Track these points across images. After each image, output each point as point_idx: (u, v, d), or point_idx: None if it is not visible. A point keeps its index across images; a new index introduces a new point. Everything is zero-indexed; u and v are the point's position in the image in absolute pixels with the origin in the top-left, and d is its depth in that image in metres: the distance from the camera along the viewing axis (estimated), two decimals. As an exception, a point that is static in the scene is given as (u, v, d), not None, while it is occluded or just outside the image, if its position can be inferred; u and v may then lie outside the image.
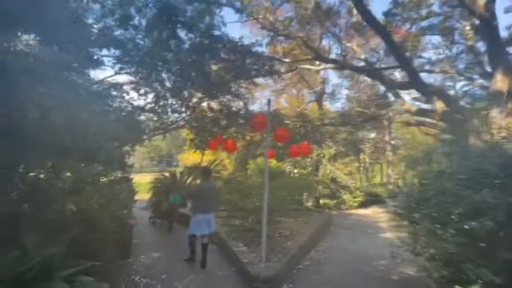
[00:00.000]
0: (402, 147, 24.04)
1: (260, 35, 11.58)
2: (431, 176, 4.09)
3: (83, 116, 4.63)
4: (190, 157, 18.54)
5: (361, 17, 8.77)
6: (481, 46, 11.14)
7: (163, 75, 6.63)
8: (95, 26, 5.49)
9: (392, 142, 22.31)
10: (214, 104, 8.15)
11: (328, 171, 13.00)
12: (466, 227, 2.72)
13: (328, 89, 21.28)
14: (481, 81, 12.05)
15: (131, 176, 7.52)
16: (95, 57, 5.01)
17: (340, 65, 11.09)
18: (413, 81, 8.01)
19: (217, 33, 6.91)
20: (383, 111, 11.62)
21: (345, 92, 23.07)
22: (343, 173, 14.45)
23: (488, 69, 9.68)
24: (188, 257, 4.97)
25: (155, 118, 7.25)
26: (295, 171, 12.81)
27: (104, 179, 5.30)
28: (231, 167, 15.29)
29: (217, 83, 6.72)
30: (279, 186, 8.85)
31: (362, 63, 13.32)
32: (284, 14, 12.16)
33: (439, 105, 10.06)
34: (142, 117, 6.96)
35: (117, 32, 6.00)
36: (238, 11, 9.14)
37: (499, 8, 7.20)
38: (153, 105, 6.63)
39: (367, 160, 24.81)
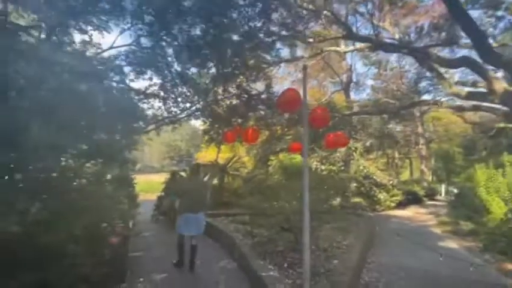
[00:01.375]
0: (436, 140, 21.57)
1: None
2: None
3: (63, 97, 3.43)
4: (208, 155, 17.27)
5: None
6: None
7: (169, 50, 5.23)
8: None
9: (427, 135, 19.87)
10: (231, 88, 6.68)
11: (361, 167, 11.18)
12: None
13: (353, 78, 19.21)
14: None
15: (133, 176, 6.31)
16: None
17: (377, 43, 9.24)
18: (483, 50, 6.10)
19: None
20: (425, 98, 9.62)
21: (370, 82, 20.87)
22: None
23: None
24: (177, 261, 4.38)
25: (161, 105, 5.93)
26: (323, 167, 11.10)
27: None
28: (250, 164, 13.82)
29: (235, 54, 5.20)
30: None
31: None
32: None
33: (499, 86, 8.01)
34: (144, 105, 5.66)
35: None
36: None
37: None
38: (156, 88, 5.28)
39: (396, 155, 22.43)
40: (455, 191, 19.63)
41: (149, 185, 14.54)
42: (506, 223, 5.89)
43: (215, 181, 12.23)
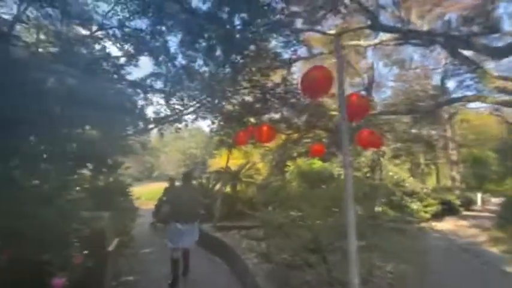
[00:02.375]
0: (466, 144, 19.52)
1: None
2: None
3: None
4: (221, 161, 16.35)
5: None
6: None
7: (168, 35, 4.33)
8: None
9: (456, 138, 17.97)
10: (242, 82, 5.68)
11: (390, 173, 9.76)
12: None
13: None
14: None
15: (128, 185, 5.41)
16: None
17: (407, 33, 8.00)
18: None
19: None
20: (467, 94, 8.19)
21: (390, 84, 19.30)
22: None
23: None
24: (171, 281, 3.73)
25: (160, 100, 5.04)
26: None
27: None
28: (265, 171, 12.70)
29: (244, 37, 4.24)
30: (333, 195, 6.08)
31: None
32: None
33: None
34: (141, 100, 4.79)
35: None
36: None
37: None
38: (154, 79, 4.39)
39: (422, 161, 20.49)
40: (495, 200, 17.49)
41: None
42: None
43: (227, 189, 11.21)
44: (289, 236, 4.02)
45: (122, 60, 4.48)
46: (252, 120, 5.97)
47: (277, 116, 9.13)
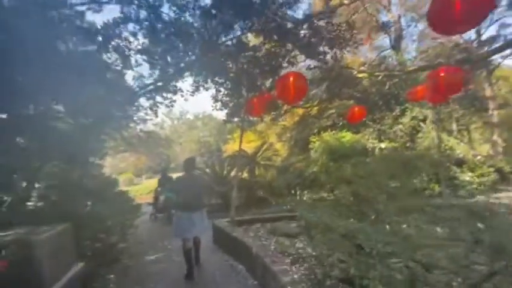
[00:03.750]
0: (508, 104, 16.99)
1: None
2: None
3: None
4: (236, 146, 15.08)
5: None
6: None
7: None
8: None
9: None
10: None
11: (435, 141, 8.06)
12: None
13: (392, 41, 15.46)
14: None
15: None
16: None
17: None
18: None
19: None
20: None
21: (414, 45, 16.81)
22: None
23: None
24: (187, 271, 3.42)
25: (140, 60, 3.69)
26: (382, 145, 8.19)
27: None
28: (283, 151, 11.30)
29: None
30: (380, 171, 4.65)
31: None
32: None
33: None
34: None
35: None
36: None
37: None
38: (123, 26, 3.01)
39: (454, 126, 18.17)
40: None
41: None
42: None
43: (244, 174, 9.98)
44: (332, 231, 2.63)
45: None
46: (267, 84, 4.52)
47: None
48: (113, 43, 3.52)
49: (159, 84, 4.39)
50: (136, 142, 11.50)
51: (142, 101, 4.93)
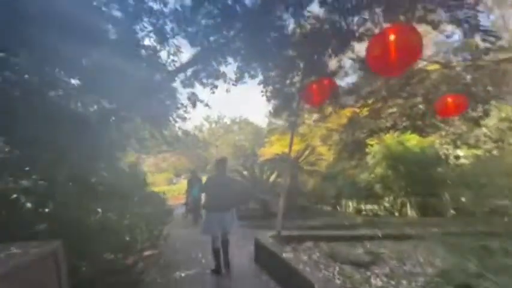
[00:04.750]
0: None
1: None
2: None
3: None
4: (272, 149, 14.17)
5: None
6: None
7: None
8: None
9: None
10: None
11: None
12: None
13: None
14: None
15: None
16: None
17: None
18: None
19: None
20: None
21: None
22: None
23: None
24: (215, 266, 3.49)
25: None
26: (460, 153, 6.54)
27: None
28: (329, 156, 10.04)
29: None
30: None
31: None
32: None
33: None
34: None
35: None
36: None
37: None
38: None
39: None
40: None
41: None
42: None
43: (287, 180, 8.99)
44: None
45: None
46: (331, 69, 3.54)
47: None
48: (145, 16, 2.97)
49: (199, 66, 3.74)
50: (175, 142, 11.38)
51: (180, 89, 4.33)
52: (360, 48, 3.77)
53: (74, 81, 2.41)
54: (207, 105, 5.22)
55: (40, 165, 1.86)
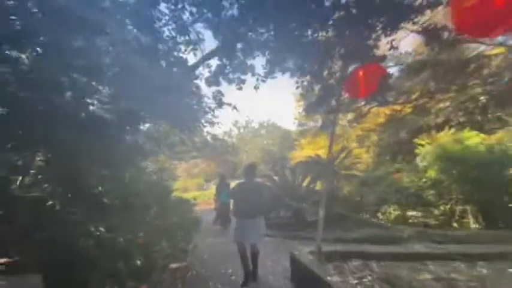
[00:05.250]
0: None
1: None
2: None
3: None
4: (304, 152, 13.48)
5: None
6: None
7: None
8: None
9: None
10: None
11: None
12: None
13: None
14: None
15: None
16: None
17: None
18: None
19: None
20: None
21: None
22: None
23: None
24: (244, 278, 3.30)
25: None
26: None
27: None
28: (367, 158, 9.13)
29: None
30: None
31: None
32: None
33: None
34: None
35: None
36: None
37: None
38: None
39: None
40: None
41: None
42: None
43: (318, 186, 8.31)
44: None
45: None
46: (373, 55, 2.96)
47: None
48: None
49: (224, 61, 3.42)
50: (204, 147, 11.38)
51: (204, 88, 4.07)
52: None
53: (85, 79, 2.21)
54: (234, 107, 4.93)
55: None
